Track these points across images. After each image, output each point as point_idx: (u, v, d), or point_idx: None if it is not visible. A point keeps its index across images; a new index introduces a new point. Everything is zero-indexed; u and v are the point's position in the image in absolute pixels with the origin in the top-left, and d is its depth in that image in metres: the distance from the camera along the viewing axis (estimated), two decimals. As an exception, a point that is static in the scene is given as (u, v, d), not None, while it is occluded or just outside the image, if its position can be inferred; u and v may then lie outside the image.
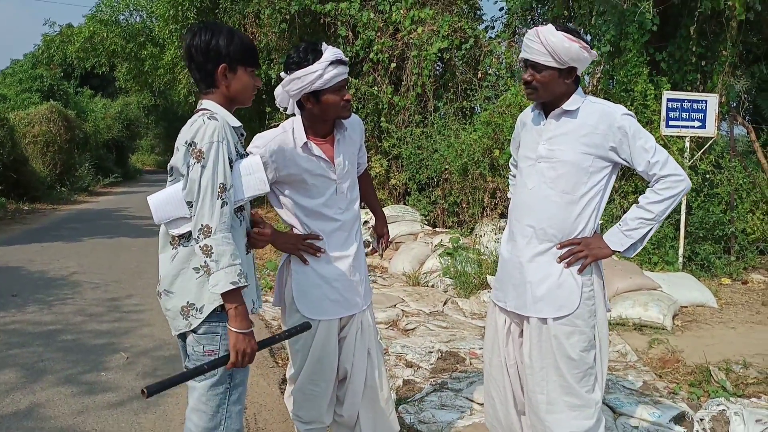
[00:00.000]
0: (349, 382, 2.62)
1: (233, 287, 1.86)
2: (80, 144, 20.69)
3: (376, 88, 10.10)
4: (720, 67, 7.62)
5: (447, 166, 8.71)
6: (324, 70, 2.32)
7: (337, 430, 2.76)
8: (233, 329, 1.91)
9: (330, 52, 2.35)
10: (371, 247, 2.69)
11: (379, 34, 10.00)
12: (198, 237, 1.86)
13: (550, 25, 2.30)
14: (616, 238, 2.35)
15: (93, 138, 23.71)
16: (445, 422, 3.37)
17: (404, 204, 9.71)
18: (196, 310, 1.96)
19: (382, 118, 10.18)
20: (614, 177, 2.40)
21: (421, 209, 9.22)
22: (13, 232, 10.45)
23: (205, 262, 1.86)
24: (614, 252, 2.37)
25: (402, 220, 8.67)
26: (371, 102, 10.18)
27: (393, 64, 9.96)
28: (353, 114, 2.66)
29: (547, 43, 2.24)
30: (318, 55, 2.33)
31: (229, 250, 1.86)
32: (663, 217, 2.31)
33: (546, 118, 2.40)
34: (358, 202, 2.65)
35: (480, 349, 4.55)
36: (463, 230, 8.28)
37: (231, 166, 1.94)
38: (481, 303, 5.83)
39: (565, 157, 2.32)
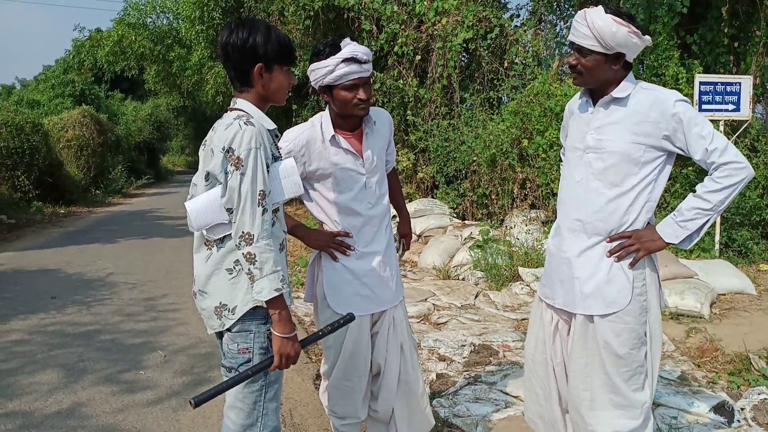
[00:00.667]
0: (382, 377, 2.62)
1: (277, 294, 1.88)
2: (113, 147, 21.12)
3: (401, 82, 10.08)
4: (754, 48, 7.43)
5: (475, 158, 8.66)
6: (335, 66, 2.33)
7: (372, 425, 2.77)
8: (277, 334, 1.93)
9: (347, 49, 2.34)
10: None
11: (403, 26, 9.97)
12: (240, 244, 1.87)
13: (600, 6, 2.20)
14: (670, 229, 2.23)
15: (125, 140, 24.18)
16: (479, 415, 3.37)
17: (432, 197, 9.69)
18: (229, 311, 1.98)
19: (409, 112, 10.16)
20: (669, 167, 2.28)
21: (450, 202, 9.19)
22: (51, 235, 10.71)
23: (249, 269, 1.88)
24: (668, 244, 2.25)
25: (431, 213, 8.66)
26: (397, 95, 10.16)
27: (418, 57, 9.92)
28: (383, 110, 2.67)
29: (594, 27, 2.15)
30: (335, 50, 2.34)
31: (272, 257, 1.88)
32: (722, 207, 2.17)
33: (594, 105, 2.32)
34: (388, 197, 2.64)
35: (513, 341, 4.52)
36: (493, 222, 8.23)
37: (268, 171, 1.95)
38: (513, 295, 5.79)
39: (614, 147, 2.22)
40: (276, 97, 2.07)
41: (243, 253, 1.87)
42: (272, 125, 2.05)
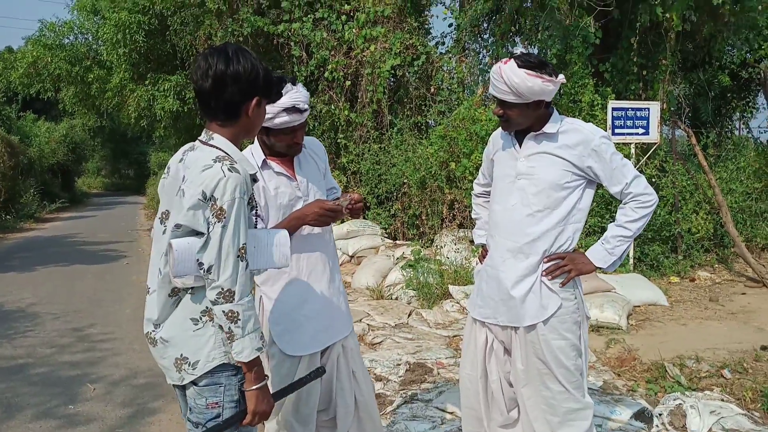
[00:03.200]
0: (337, 405, 2.58)
1: (258, 353, 1.78)
2: (25, 170, 20.12)
3: (332, 106, 10.20)
4: (660, 75, 8.01)
5: (405, 180, 8.87)
6: (276, 114, 2.30)
7: None
8: (253, 389, 1.82)
9: (288, 98, 2.30)
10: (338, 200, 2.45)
11: (332, 53, 10.12)
12: (217, 300, 1.73)
13: (512, 62, 2.35)
14: (599, 255, 2.48)
15: (38, 163, 23.10)
16: (418, 433, 3.46)
17: (364, 218, 9.81)
18: (189, 365, 1.82)
19: (340, 135, 10.29)
20: (592, 191, 2.52)
21: (382, 222, 9.35)
22: (-40, 264, 10.11)
23: (230, 327, 1.74)
24: (597, 268, 2.50)
25: (363, 234, 8.76)
26: (328, 119, 10.28)
27: (348, 82, 10.09)
28: (315, 140, 2.67)
29: (510, 83, 2.33)
30: (277, 96, 2.27)
31: (254, 314, 1.77)
32: (638, 233, 2.48)
33: (523, 138, 2.50)
34: (330, 227, 2.60)
35: (446, 358, 4.66)
36: (424, 242, 8.44)
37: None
38: (445, 313, 5.95)
39: (545, 173, 2.43)
40: (254, 131, 1.96)
41: (223, 311, 1.73)
42: (253, 169, 1.89)
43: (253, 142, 2.52)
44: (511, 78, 2.33)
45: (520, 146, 2.51)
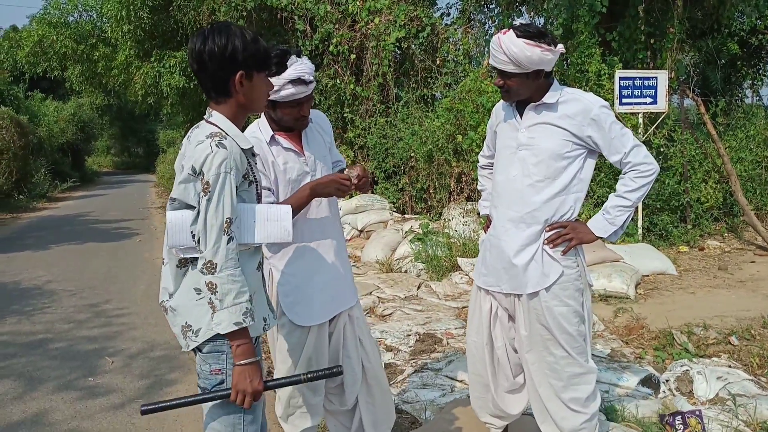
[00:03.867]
0: (345, 372, 2.62)
1: (236, 328, 1.81)
2: (35, 149, 20.19)
3: (338, 80, 10.17)
4: (668, 44, 7.92)
5: (412, 154, 8.87)
6: (281, 87, 2.30)
7: (330, 419, 2.79)
8: (236, 365, 1.85)
9: (293, 69, 2.31)
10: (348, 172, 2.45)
11: (337, 26, 10.05)
12: (202, 270, 1.80)
13: (510, 32, 2.38)
14: (600, 224, 2.52)
15: (47, 142, 23.15)
16: (427, 400, 3.53)
17: (372, 193, 9.84)
18: (193, 333, 1.89)
19: (346, 109, 10.27)
20: (593, 161, 2.54)
21: (390, 197, 9.38)
22: (-24, 244, 10.26)
23: (210, 298, 1.81)
24: (598, 238, 2.53)
25: (371, 208, 8.81)
26: (334, 94, 10.25)
27: (353, 56, 10.03)
28: (320, 113, 2.69)
29: (510, 53, 2.36)
30: (281, 68, 2.30)
31: (234, 288, 1.80)
32: (639, 202, 2.52)
33: (522, 109, 2.53)
34: (336, 200, 2.64)
35: (455, 329, 4.73)
36: (432, 215, 8.48)
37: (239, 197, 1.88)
38: (453, 284, 6.02)
39: (545, 144, 2.46)
40: (256, 105, 1.98)
41: (205, 281, 1.80)
42: (248, 144, 1.94)
43: (260, 117, 2.54)
44: (510, 48, 2.35)
45: (521, 117, 2.54)
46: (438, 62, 9.86)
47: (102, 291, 6.68)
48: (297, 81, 2.32)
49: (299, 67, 2.33)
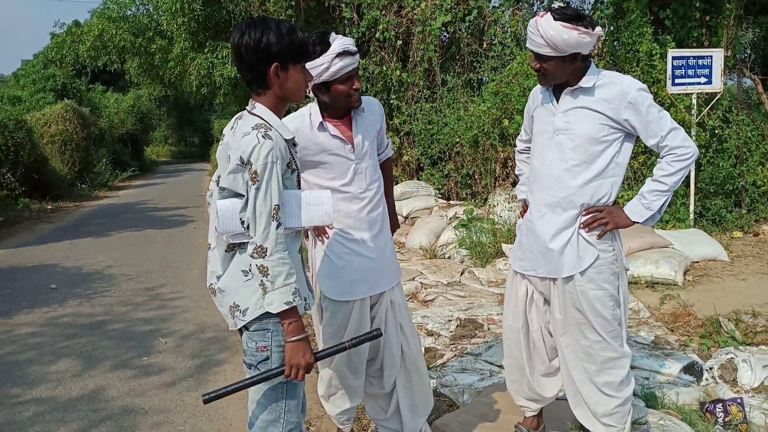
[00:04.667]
0: (383, 354, 2.70)
1: (287, 307, 1.92)
2: (96, 140, 21.01)
3: (384, 67, 10.20)
4: (725, 21, 7.61)
5: (458, 139, 8.85)
6: (330, 62, 2.36)
7: (368, 402, 2.87)
8: (289, 342, 1.97)
9: (338, 43, 2.38)
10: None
11: (383, 12, 10.06)
12: (253, 255, 1.91)
13: (548, 15, 2.39)
14: (636, 209, 2.51)
15: (108, 133, 24.03)
16: (466, 384, 3.59)
17: (418, 179, 9.88)
18: (240, 312, 2.00)
19: (392, 96, 10.30)
20: (630, 145, 2.53)
21: (435, 183, 9.39)
22: (42, 231, 10.80)
23: (262, 281, 1.91)
24: (634, 222, 2.53)
25: (416, 195, 8.86)
26: (380, 81, 10.28)
27: (399, 42, 10.04)
28: (373, 98, 2.74)
29: (546, 36, 2.37)
30: (326, 47, 2.37)
31: (284, 270, 1.91)
32: (676, 186, 2.48)
33: (559, 94, 2.54)
34: (381, 182, 2.70)
35: (497, 315, 4.75)
36: (477, 201, 8.45)
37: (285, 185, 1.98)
38: (497, 271, 6.02)
39: (582, 128, 2.47)
40: (294, 96, 2.06)
41: (256, 265, 1.91)
42: (290, 134, 2.04)
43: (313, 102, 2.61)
44: (547, 31, 2.37)
45: (558, 102, 2.54)
46: (485, 45, 9.76)
47: (158, 275, 6.98)
48: (343, 53, 2.39)
49: (341, 40, 2.41)
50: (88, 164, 19.07)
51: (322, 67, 2.37)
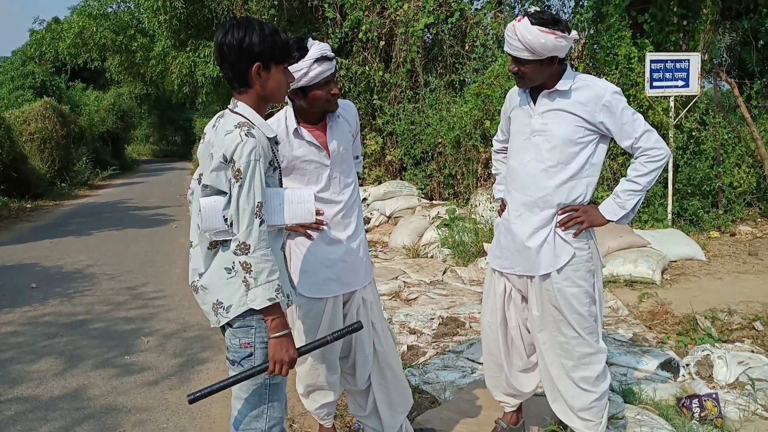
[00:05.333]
0: (355, 352, 2.75)
1: (270, 303, 1.94)
2: (76, 138, 20.78)
3: (367, 67, 10.24)
4: (702, 26, 7.76)
5: (440, 140, 8.91)
6: (309, 68, 2.38)
7: (350, 398, 2.92)
8: (271, 338, 1.99)
9: (315, 49, 2.40)
10: None
11: (366, 13, 10.09)
12: (236, 251, 1.92)
13: (525, 19, 2.45)
14: (611, 208, 2.58)
15: (88, 131, 23.76)
16: (448, 381, 3.64)
17: (401, 179, 9.92)
18: (224, 309, 2.02)
19: (375, 96, 10.34)
20: (605, 146, 2.60)
21: (418, 183, 9.45)
22: (21, 230, 10.69)
23: (245, 277, 1.93)
24: (609, 221, 2.60)
25: (399, 194, 8.90)
26: (363, 81, 10.32)
27: (382, 42, 10.07)
28: (349, 102, 2.76)
29: (524, 40, 2.42)
30: (303, 52, 2.38)
31: (267, 267, 1.93)
32: (649, 186, 2.56)
33: (536, 96, 2.60)
34: (356, 184, 2.74)
35: (479, 313, 4.79)
36: (459, 201, 8.52)
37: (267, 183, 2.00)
38: (479, 270, 6.08)
39: (558, 130, 2.53)
40: (275, 96, 2.08)
41: (239, 261, 1.92)
42: (272, 133, 2.06)
43: (287, 107, 2.63)
44: (524, 35, 2.42)
45: (535, 104, 2.60)
46: (467, 47, 9.84)
47: (139, 275, 6.95)
48: (321, 59, 2.41)
49: (319, 46, 2.43)
50: (68, 163, 18.87)
51: (301, 72, 2.39)
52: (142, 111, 35.96)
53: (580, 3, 7.95)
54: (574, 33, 2.48)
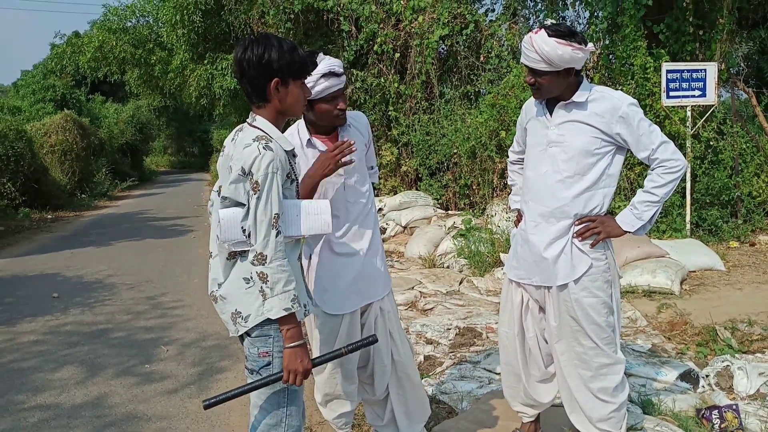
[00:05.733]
0: (374, 362, 2.77)
1: (286, 313, 1.98)
2: (96, 150, 21.08)
3: (382, 79, 10.32)
4: (718, 35, 7.73)
5: (456, 150, 8.95)
6: (315, 82, 2.41)
7: (368, 408, 2.94)
8: (287, 348, 2.02)
9: (324, 64, 2.44)
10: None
11: (381, 25, 10.19)
12: (254, 262, 1.96)
13: (542, 31, 2.48)
14: (628, 219, 2.59)
15: (108, 143, 24.10)
16: (465, 392, 3.63)
17: (416, 189, 9.96)
18: (242, 319, 2.05)
19: (390, 107, 10.41)
20: (621, 157, 2.62)
21: (433, 193, 9.48)
22: (43, 241, 10.84)
23: (261, 287, 1.97)
24: (626, 232, 2.61)
25: (415, 205, 8.93)
26: (378, 92, 10.40)
27: (397, 54, 10.16)
28: (360, 113, 2.80)
29: (541, 52, 2.45)
30: (313, 67, 2.37)
31: (283, 277, 1.97)
32: (666, 197, 2.57)
33: (552, 107, 2.62)
34: (371, 194, 2.75)
35: (496, 323, 4.79)
36: (475, 211, 8.53)
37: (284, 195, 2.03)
38: (496, 280, 6.07)
39: (575, 141, 2.54)
40: (293, 110, 2.13)
41: (257, 272, 1.96)
42: (290, 146, 2.11)
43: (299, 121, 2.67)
44: (541, 47, 2.45)
45: (551, 115, 2.62)
46: (482, 58, 9.89)
47: (158, 284, 7.03)
48: (329, 74, 2.45)
49: (328, 61, 2.48)
50: (87, 174, 19.14)
51: (308, 85, 2.40)
52: (160, 123, 36.44)
53: (595, 13, 7.96)
54: (590, 45, 2.51)
